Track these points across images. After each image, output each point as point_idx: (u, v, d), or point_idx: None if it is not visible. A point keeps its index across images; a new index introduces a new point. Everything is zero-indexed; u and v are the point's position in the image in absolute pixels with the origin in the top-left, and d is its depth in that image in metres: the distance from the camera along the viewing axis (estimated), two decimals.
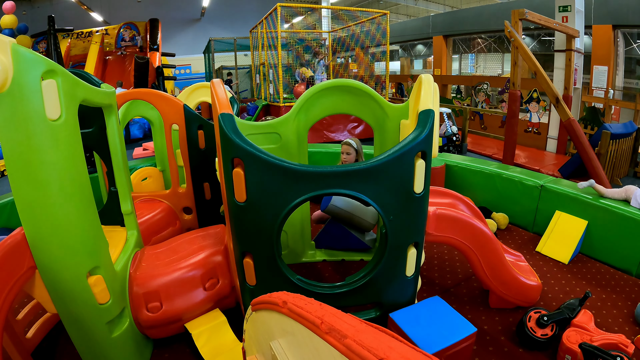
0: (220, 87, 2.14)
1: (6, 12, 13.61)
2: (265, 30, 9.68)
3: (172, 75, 14.09)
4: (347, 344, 0.62)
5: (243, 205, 1.82)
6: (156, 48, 13.57)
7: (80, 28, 14.87)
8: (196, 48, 20.54)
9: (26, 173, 1.72)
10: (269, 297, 0.96)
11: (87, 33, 14.61)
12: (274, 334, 0.99)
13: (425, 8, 24.09)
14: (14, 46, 1.58)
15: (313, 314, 0.73)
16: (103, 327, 2.10)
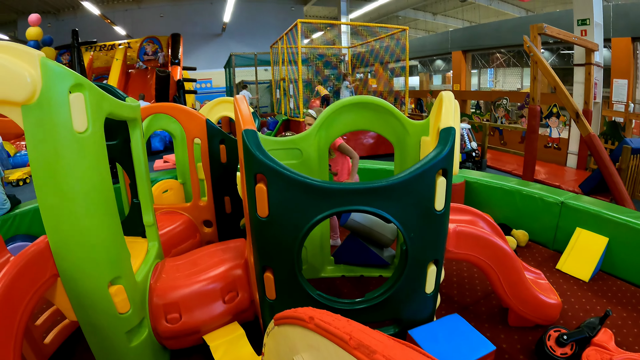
0: (244, 103, 2.18)
1: (32, 25, 13.97)
2: (286, 46, 9.79)
3: (193, 89, 14.29)
4: (376, 359, 0.63)
5: (265, 220, 1.84)
6: (177, 62, 13.77)
7: (103, 41, 15.17)
8: (217, 62, 20.79)
9: (52, 183, 1.77)
10: (294, 312, 0.97)
11: (110, 46, 14.88)
12: (297, 348, 1.00)
13: (444, 23, 24.15)
14: (42, 60, 1.64)
15: (341, 330, 0.74)
16: (122, 336, 2.13)
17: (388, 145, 8.68)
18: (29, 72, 1.61)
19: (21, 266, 1.70)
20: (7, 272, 1.62)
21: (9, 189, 7.57)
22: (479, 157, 7.45)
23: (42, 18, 14.61)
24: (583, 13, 7.24)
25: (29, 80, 1.60)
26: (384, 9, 22.00)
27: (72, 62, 11.99)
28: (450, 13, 23.75)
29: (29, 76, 1.60)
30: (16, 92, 1.61)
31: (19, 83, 1.60)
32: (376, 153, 8.62)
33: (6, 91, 1.62)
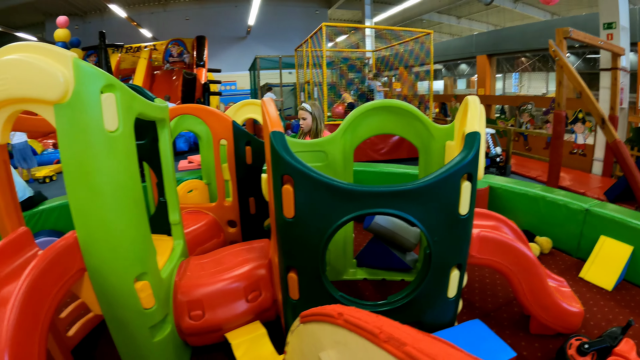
0: (272, 105, 2.21)
1: (60, 26, 14.33)
2: (311, 49, 9.85)
3: (218, 90, 14.46)
4: (407, 351, 0.65)
5: (291, 221, 1.87)
6: (202, 64, 13.94)
7: (129, 43, 15.44)
8: (241, 65, 20.99)
9: (82, 180, 1.82)
10: (322, 309, 1.00)
11: (136, 48, 15.13)
12: (323, 345, 1.02)
13: (469, 27, 23.97)
14: (75, 60, 1.70)
15: (371, 324, 0.76)
16: (146, 331, 2.18)
17: (409, 149, 8.68)
18: (62, 72, 1.66)
19: (50, 259, 1.74)
20: (36, 265, 1.66)
21: (36, 186, 7.75)
22: (503, 162, 7.38)
23: (70, 20, 14.98)
24: (609, 16, 7.13)
25: (61, 80, 1.65)
26: (408, 13, 21.94)
27: (100, 64, 12.25)
28: (475, 16, 23.58)
29: (61, 76, 1.65)
30: (49, 91, 1.67)
31: (52, 82, 1.65)
32: (399, 157, 8.60)
33: (39, 90, 1.68)
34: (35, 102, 1.75)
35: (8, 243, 1.86)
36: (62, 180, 7.25)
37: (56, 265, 1.77)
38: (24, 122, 3.14)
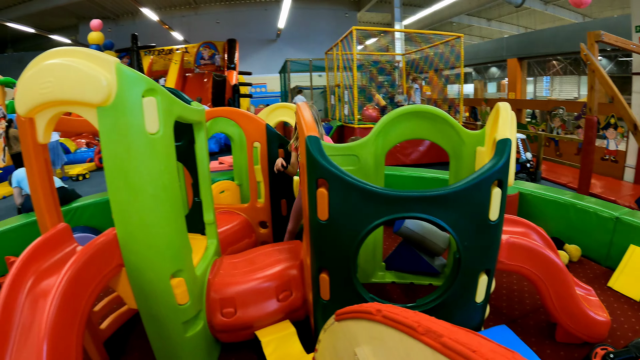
0: (307, 110, 2.27)
1: (94, 29, 14.72)
2: (341, 52, 9.88)
3: (248, 93, 14.63)
4: (444, 341, 0.70)
5: (325, 223, 1.93)
6: (233, 67, 14.09)
7: (161, 46, 15.71)
8: (271, 67, 21.14)
9: (123, 179, 1.90)
10: (360, 307, 1.05)
11: (168, 51, 15.33)
12: (358, 341, 1.07)
13: (499, 29, 23.63)
14: (118, 65, 1.78)
15: (410, 319, 0.81)
16: (179, 326, 2.26)
17: (438, 154, 8.63)
18: (105, 76, 1.75)
19: (90, 255, 1.81)
20: (77, 259, 1.73)
21: (69, 183, 8.01)
22: (533, 168, 7.29)
23: (103, 23, 15.31)
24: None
25: (105, 84, 1.74)
26: (438, 15, 21.80)
27: (132, 65, 12.50)
28: (505, 19, 23.25)
29: (105, 80, 1.74)
30: (93, 94, 1.76)
31: (96, 86, 1.74)
32: (428, 161, 8.57)
33: (84, 93, 1.77)
34: (79, 105, 1.84)
35: (49, 238, 1.94)
36: (94, 178, 7.58)
37: (96, 260, 1.86)
38: (59, 123, 3.29)
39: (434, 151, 8.72)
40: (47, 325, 1.49)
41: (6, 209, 7.06)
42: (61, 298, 1.57)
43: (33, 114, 2.04)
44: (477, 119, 14.33)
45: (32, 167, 2.20)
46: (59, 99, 1.85)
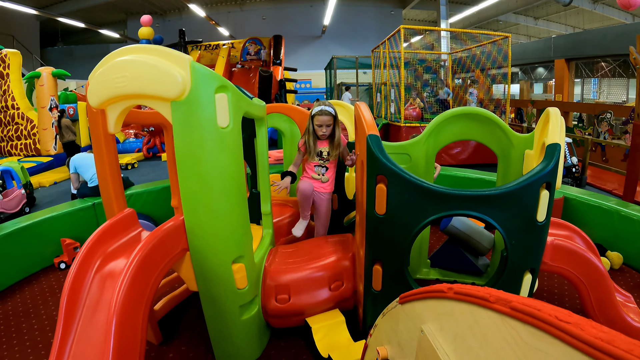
0: (367, 109, 2.39)
1: (144, 25, 15.15)
2: (388, 50, 9.91)
3: (294, 88, 14.77)
4: (513, 305, 0.81)
5: (382, 217, 2.05)
6: (279, 62, 14.25)
7: (208, 41, 16.03)
8: (316, 64, 21.27)
9: (194, 169, 2.05)
10: (429, 288, 1.14)
11: (215, 45, 15.64)
12: (424, 319, 1.18)
13: (546, 28, 23.04)
14: (192, 63, 1.93)
15: (482, 292, 0.93)
16: (236, 309, 2.41)
17: (484, 155, 8.58)
18: (180, 73, 1.88)
19: (160, 238, 1.94)
20: (147, 242, 1.85)
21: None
22: (579, 173, 7.17)
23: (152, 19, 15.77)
24: None
25: (179, 80, 1.87)
26: (484, 14, 21.46)
27: None
28: (553, 17, 22.67)
29: (180, 76, 1.87)
30: (168, 89, 1.90)
31: (171, 82, 1.88)
32: (473, 162, 8.54)
33: (159, 88, 1.91)
34: (153, 99, 1.99)
35: (116, 222, 2.10)
36: (142, 167, 7.94)
37: (164, 243, 1.99)
38: (128, 115, 3.51)
39: (479, 153, 8.69)
40: (117, 303, 1.59)
41: (57, 194, 7.44)
42: (132, 278, 1.68)
43: (105, 106, 2.20)
44: (522, 121, 14.06)
45: (102, 156, 2.38)
46: (133, 92, 2.00)
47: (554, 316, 0.73)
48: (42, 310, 3.41)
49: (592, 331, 0.67)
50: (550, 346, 0.73)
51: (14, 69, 10.31)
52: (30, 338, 3.01)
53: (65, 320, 1.71)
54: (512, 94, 10.30)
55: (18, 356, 2.81)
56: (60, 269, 4.20)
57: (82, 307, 1.77)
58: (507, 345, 0.84)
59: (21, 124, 10.33)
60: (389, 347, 1.53)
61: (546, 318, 0.74)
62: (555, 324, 0.72)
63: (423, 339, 1.18)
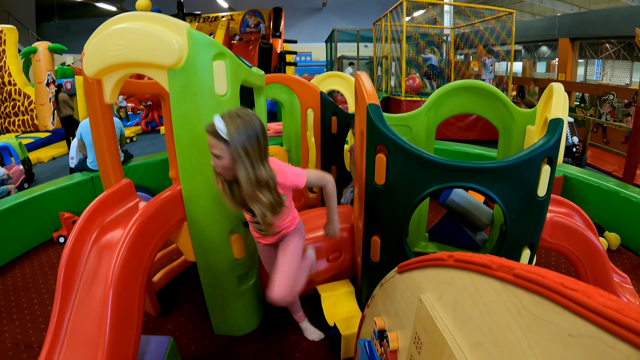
0: (367, 78, 2.35)
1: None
2: (390, 24, 9.80)
3: (294, 61, 14.62)
4: (516, 272, 0.77)
5: (381, 187, 2.02)
6: (279, 35, 14.10)
7: (206, 13, 15.77)
8: (317, 36, 21.01)
9: (191, 137, 2.03)
10: (428, 256, 1.13)
11: (214, 18, 15.41)
12: (422, 289, 1.17)
13: (551, 7, 22.70)
14: (189, 30, 1.88)
15: (483, 259, 0.90)
16: (233, 280, 2.42)
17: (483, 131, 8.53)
18: (177, 40, 1.84)
19: (157, 208, 1.93)
20: (144, 212, 1.84)
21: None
22: (579, 153, 7.15)
23: None
24: None
25: (176, 47, 1.83)
26: None
27: None
28: None
29: (177, 43, 1.83)
30: (164, 57, 1.86)
31: (168, 49, 1.84)
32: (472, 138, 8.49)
33: (155, 56, 1.87)
34: (150, 67, 1.96)
35: (113, 192, 2.08)
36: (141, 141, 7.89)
37: (161, 213, 1.98)
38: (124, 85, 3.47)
39: (478, 129, 8.64)
40: (114, 274, 1.59)
41: (56, 169, 7.44)
42: (128, 248, 1.67)
43: (101, 76, 2.16)
44: (524, 98, 13.96)
45: (98, 126, 2.35)
46: (129, 61, 1.96)
47: (559, 283, 0.71)
48: (42, 284, 3.42)
49: (600, 299, 0.64)
50: (555, 315, 0.71)
51: (10, 44, 10.28)
52: (30, 312, 3.03)
53: (63, 292, 1.71)
54: (514, 71, 10.17)
55: (18, 330, 2.82)
56: (60, 243, 4.21)
57: (80, 279, 1.77)
58: (509, 313, 0.82)
59: (18, 100, 10.29)
60: (386, 318, 1.53)
61: (551, 285, 0.71)
62: (561, 291, 0.69)
63: (421, 309, 1.16)
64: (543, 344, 0.74)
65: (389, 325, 1.48)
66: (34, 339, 2.73)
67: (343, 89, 4.53)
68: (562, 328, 0.69)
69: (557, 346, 0.70)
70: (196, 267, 2.43)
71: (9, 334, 2.79)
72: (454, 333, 1.01)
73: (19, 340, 2.72)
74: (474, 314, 0.93)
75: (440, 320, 1.05)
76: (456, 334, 1.00)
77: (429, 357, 1.10)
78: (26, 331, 2.81)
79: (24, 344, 2.69)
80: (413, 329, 1.22)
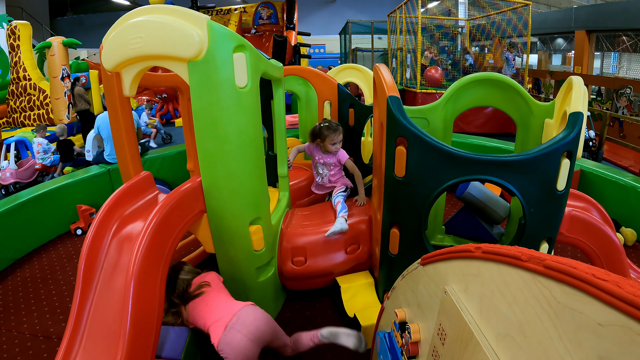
0: (387, 71, 2.34)
1: None
2: (405, 15, 9.73)
3: (307, 53, 14.54)
4: (547, 264, 0.78)
5: (401, 180, 2.03)
6: (292, 27, 14.03)
7: (219, 5, 15.75)
8: (330, 29, 20.92)
9: (212, 130, 2.04)
10: (454, 248, 1.13)
11: (226, 10, 15.32)
12: (447, 281, 1.16)
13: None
14: (209, 22, 1.89)
15: (512, 250, 0.89)
16: (252, 271, 2.44)
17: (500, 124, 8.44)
18: (197, 32, 1.85)
19: (177, 200, 1.94)
20: (165, 204, 1.85)
21: None
22: (595, 147, 7.06)
23: None
24: None
25: (197, 40, 1.84)
26: None
27: None
28: None
29: (197, 36, 1.84)
30: (185, 49, 1.87)
31: (188, 41, 1.85)
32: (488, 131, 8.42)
33: (176, 48, 1.88)
34: (170, 59, 1.97)
35: (133, 185, 2.09)
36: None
37: (181, 205, 2.00)
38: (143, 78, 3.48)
39: (496, 121, 8.57)
40: (135, 266, 1.59)
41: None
42: (150, 240, 1.68)
43: (120, 69, 2.18)
44: (540, 92, 13.78)
45: (117, 119, 2.36)
46: (149, 53, 1.97)
47: (590, 274, 0.71)
48: (60, 276, 3.47)
49: (631, 289, 0.65)
50: (586, 305, 0.71)
51: (24, 40, 10.34)
52: (48, 304, 3.07)
53: (84, 284, 1.73)
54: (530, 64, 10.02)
55: (37, 321, 2.87)
56: (77, 235, 4.27)
57: (100, 271, 1.79)
58: (538, 304, 0.82)
59: (33, 95, 10.38)
60: (407, 310, 1.53)
61: (583, 276, 0.72)
62: (592, 281, 0.70)
63: (446, 300, 1.16)
64: (573, 334, 0.74)
65: (410, 317, 1.48)
66: (52, 330, 2.78)
67: (360, 81, 4.51)
68: (592, 318, 0.70)
69: (587, 335, 0.71)
70: (214, 258, 2.45)
71: (28, 325, 2.84)
72: (480, 324, 1.01)
73: (38, 332, 2.77)
74: (501, 305, 0.94)
75: (466, 312, 1.05)
76: (482, 325, 1.00)
77: (453, 348, 1.10)
78: (45, 322, 2.86)
79: (43, 335, 2.74)
80: (437, 321, 1.22)
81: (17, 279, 3.45)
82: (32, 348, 2.61)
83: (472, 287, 1.05)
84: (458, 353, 1.07)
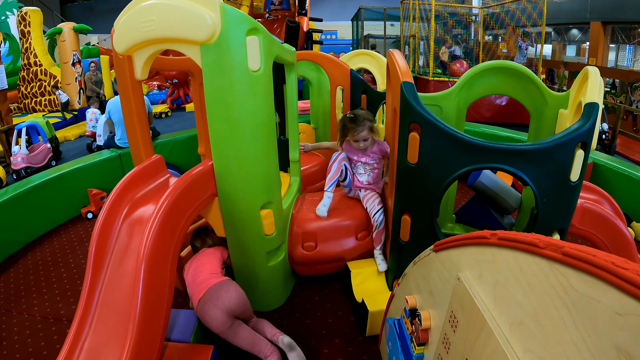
0: (401, 56, 2.31)
1: None
2: (418, 2, 9.62)
3: (319, 39, 14.42)
4: (565, 251, 0.77)
5: (414, 166, 2.01)
6: (304, 13, 13.92)
7: None
8: (342, 15, 20.71)
9: (224, 113, 2.03)
10: (469, 234, 1.12)
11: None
12: (461, 267, 1.16)
13: None
14: (222, 5, 1.87)
15: (529, 237, 0.88)
16: (263, 255, 2.44)
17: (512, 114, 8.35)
18: (210, 15, 1.84)
19: (189, 183, 1.95)
20: (176, 187, 1.85)
21: None
22: (608, 140, 6.98)
23: None
24: None
25: (209, 22, 1.83)
26: None
27: None
28: None
29: (209, 18, 1.83)
30: (197, 32, 1.86)
31: (201, 24, 1.84)
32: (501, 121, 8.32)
33: (188, 31, 1.87)
34: (182, 42, 1.96)
35: (144, 168, 2.11)
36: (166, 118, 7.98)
37: (192, 189, 2.00)
38: (154, 62, 3.47)
39: (508, 111, 8.48)
40: (146, 249, 1.60)
41: (83, 146, 7.56)
42: (161, 223, 1.68)
43: (132, 52, 2.17)
44: (553, 82, 13.60)
45: (129, 103, 2.36)
46: (161, 36, 1.96)
47: (610, 262, 0.70)
48: (71, 259, 3.50)
49: None
50: (604, 293, 0.71)
51: (35, 26, 10.41)
52: (59, 287, 3.11)
53: (94, 266, 1.74)
54: (544, 54, 9.88)
55: (47, 304, 2.90)
56: (88, 218, 4.30)
57: (111, 254, 1.80)
58: (555, 292, 0.82)
59: (44, 80, 10.46)
60: (418, 296, 1.53)
61: (602, 264, 0.71)
62: (612, 269, 0.69)
63: (459, 287, 1.16)
64: (589, 322, 0.74)
65: (421, 303, 1.48)
66: (63, 312, 2.81)
67: (372, 67, 4.46)
68: (610, 306, 0.69)
69: (604, 324, 0.70)
70: (225, 242, 2.45)
71: (39, 308, 2.87)
72: (493, 312, 1.01)
73: (48, 314, 2.80)
74: (516, 292, 0.93)
75: (480, 299, 1.05)
76: (496, 312, 1.00)
77: (465, 335, 1.10)
78: (55, 305, 2.89)
79: (53, 317, 2.77)
80: (449, 308, 1.22)
81: (29, 262, 3.49)
82: (43, 330, 2.64)
83: (487, 274, 1.05)
84: (470, 340, 1.07)
